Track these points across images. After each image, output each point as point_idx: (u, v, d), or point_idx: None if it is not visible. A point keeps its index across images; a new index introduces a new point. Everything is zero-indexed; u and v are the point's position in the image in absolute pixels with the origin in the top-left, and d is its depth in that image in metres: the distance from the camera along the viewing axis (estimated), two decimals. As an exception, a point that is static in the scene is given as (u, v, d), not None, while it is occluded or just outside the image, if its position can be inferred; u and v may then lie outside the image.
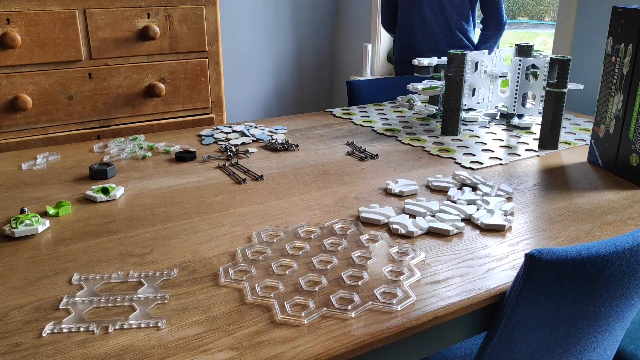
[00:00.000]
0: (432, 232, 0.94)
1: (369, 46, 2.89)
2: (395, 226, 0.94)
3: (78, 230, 0.95)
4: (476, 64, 1.58)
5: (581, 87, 1.37)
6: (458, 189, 1.12)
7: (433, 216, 0.99)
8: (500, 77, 1.61)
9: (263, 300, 0.74)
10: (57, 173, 1.22)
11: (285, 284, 0.78)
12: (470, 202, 1.05)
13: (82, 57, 1.93)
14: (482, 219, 0.97)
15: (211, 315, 0.71)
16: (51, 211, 1.00)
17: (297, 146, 1.39)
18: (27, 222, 0.93)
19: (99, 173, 1.17)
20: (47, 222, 0.96)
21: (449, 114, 1.49)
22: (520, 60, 1.56)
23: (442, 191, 1.12)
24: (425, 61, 1.64)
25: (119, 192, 1.08)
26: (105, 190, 1.07)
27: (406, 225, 0.94)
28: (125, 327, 0.69)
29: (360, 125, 1.61)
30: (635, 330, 1.16)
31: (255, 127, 1.55)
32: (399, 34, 2.41)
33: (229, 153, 1.32)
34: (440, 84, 1.58)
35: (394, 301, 0.73)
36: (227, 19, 2.91)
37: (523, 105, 1.60)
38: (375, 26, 2.92)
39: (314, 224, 0.97)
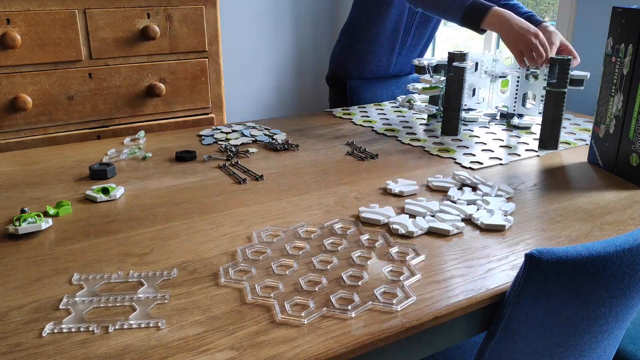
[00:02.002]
0: (432, 232, 0.94)
1: (369, 46, 2.89)
2: (395, 226, 0.94)
3: (78, 230, 0.95)
4: (476, 64, 1.58)
5: (587, 74, 1.37)
6: (458, 189, 1.12)
7: (433, 216, 0.99)
8: (500, 77, 1.61)
9: (263, 300, 0.74)
10: (57, 173, 1.22)
11: (285, 284, 0.78)
12: (470, 202, 1.05)
13: (82, 57, 1.93)
14: (482, 219, 0.97)
15: (211, 315, 0.71)
16: (51, 211, 1.00)
17: (297, 146, 1.39)
18: (30, 219, 0.93)
19: (99, 173, 1.17)
20: (50, 220, 0.96)
21: (449, 114, 1.49)
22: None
23: (442, 191, 1.12)
24: (425, 61, 1.64)
25: (119, 192, 1.09)
26: (105, 190, 1.07)
27: (406, 225, 0.94)
28: (125, 327, 0.69)
29: (361, 125, 1.61)
30: (635, 330, 1.16)
31: (255, 127, 1.55)
32: None
33: (229, 153, 1.32)
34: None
35: (394, 301, 0.73)
36: (227, 19, 2.91)
37: (523, 105, 1.60)
38: (375, 26, 2.92)
39: (314, 224, 0.97)
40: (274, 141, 1.41)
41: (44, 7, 1.83)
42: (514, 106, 1.61)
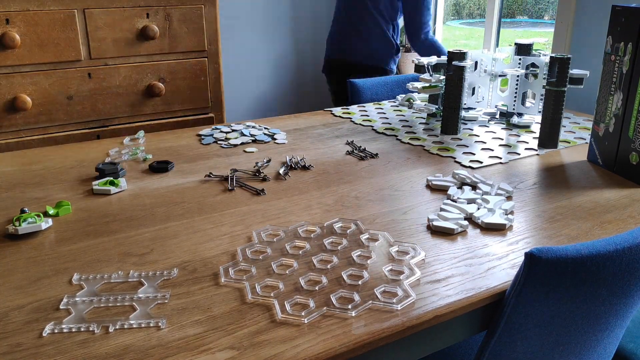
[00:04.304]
0: (434, 231, 0.94)
1: (369, 45, 2.88)
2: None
3: (78, 230, 0.95)
4: (476, 62, 1.58)
5: (587, 73, 1.37)
6: (458, 188, 1.12)
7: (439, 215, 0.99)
8: (499, 75, 1.61)
9: (263, 299, 0.74)
10: (57, 173, 1.22)
11: (285, 283, 0.78)
12: (471, 201, 1.05)
13: (82, 57, 1.93)
14: (482, 218, 0.97)
15: (211, 315, 0.71)
16: (51, 211, 1.00)
17: (312, 166, 1.26)
18: (30, 219, 0.93)
19: (109, 172, 1.17)
20: (50, 221, 0.96)
21: (449, 113, 1.49)
22: (520, 59, 1.56)
23: (442, 190, 1.12)
24: (425, 60, 1.64)
25: (123, 182, 1.13)
26: (112, 183, 1.10)
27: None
28: (125, 326, 0.69)
29: (360, 124, 1.61)
30: (635, 328, 1.16)
31: (254, 126, 1.55)
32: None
33: (257, 171, 1.21)
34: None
35: (394, 300, 0.74)
36: (227, 18, 2.91)
37: (523, 104, 1.60)
38: (374, 25, 2.91)
39: (313, 224, 0.97)
40: (291, 157, 1.29)
41: (43, 7, 1.83)
42: (514, 105, 1.61)
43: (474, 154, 1.34)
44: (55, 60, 1.90)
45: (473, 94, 1.63)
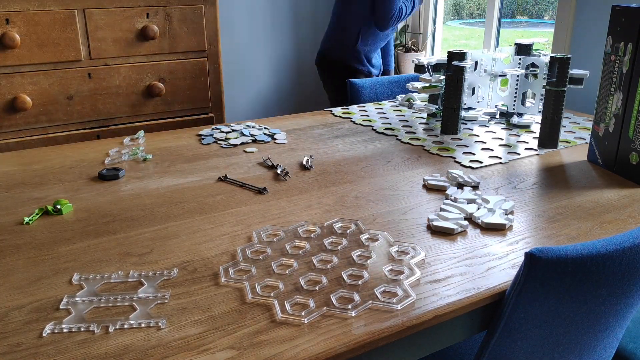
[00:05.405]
0: (433, 231, 0.94)
1: (369, 45, 2.88)
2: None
3: (78, 230, 0.95)
4: (476, 62, 1.58)
5: (587, 73, 1.37)
6: (458, 188, 1.12)
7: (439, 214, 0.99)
8: (499, 75, 1.61)
9: (263, 299, 0.74)
10: (57, 173, 1.22)
11: (285, 283, 0.78)
12: (470, 201, 1.05)
13: (82, 57, 1.93)
14: (482, 218, 0.97)
15: (211, 315, 0.71)
16: (59, 206, 1.00)
17: (312, 166, 1.26)
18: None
19: (111, 178, 1.17)
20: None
21: (449, 113, 1.49)
22: (520, 59, 1.56)
23: (442, 190, 1.12)
24: (425, 60, 1.64)
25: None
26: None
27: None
28: (125, 326, 0.69)
29: (360, 124, 1.61)
30: (635, 328, 1.16)
31: (254, 126, 1.55)
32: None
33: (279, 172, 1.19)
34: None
35: (394, 300, 0.74)
36: (227, 18, 2.91)
37: (523, 104, 1.60)
38: (374, 25, 2.91)
39: (313, 223, 0.97)
40: (304, 160, 1.27)
41: (43, 7, 1.83)
42: (514, 105, 1.61)
43: (474, 154, 1.34)
44: (55, 60, 1.90)
45: (473, 94, 1.63)
